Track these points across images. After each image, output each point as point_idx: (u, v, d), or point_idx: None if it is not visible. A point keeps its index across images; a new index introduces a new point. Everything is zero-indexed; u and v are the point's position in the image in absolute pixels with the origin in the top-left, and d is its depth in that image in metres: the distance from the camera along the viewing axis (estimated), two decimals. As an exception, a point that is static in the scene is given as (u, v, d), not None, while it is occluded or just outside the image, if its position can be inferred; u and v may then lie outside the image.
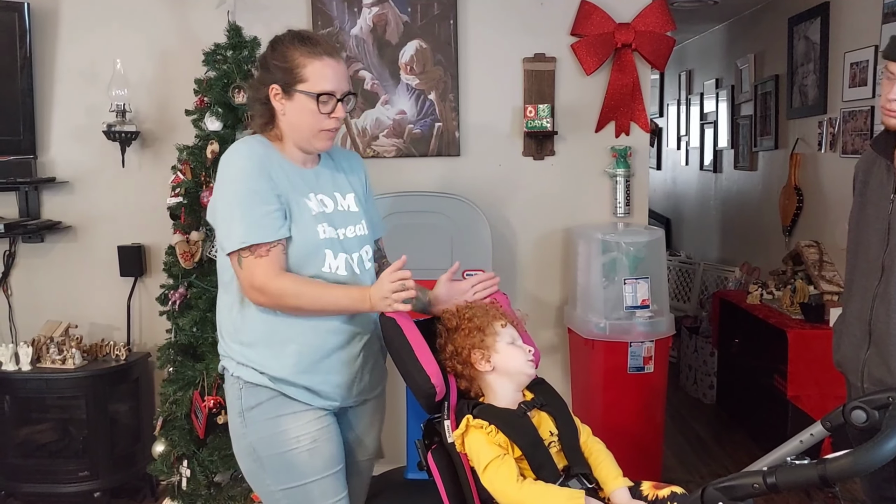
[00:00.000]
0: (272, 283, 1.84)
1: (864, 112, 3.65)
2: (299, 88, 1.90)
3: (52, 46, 3.55)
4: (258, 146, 1.94)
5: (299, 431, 1.91)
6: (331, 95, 1.90)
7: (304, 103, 1.91)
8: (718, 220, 6.04)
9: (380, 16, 3.50)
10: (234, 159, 1.91)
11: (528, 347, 1.90)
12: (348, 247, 1.98)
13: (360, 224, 2.04)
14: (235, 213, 1.85)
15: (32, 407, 3.46)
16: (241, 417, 1.94)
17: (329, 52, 1.92)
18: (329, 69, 1.91)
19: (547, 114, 3.42)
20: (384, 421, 2.20)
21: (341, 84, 1.93)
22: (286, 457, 1.90)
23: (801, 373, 3.57)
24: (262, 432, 1.92)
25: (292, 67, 1.90)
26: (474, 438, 1.77)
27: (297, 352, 1.92)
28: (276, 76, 1.92)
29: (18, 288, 3.65)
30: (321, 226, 1.92)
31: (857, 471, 1.10)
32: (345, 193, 2.04)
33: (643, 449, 3.28)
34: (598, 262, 3.31)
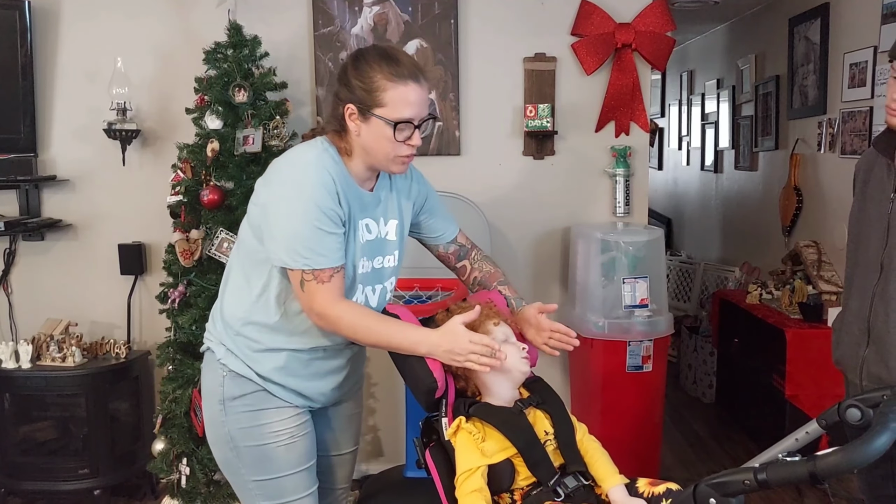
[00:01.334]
0: (331, 309, 1.80)
1: (864, 113, 3.65)
2: (377, 113, 1.80)
3: (53, 44, 3.56)
4: (331, 163, 1.83)
5: (279, 427, 1.92)
6: (409, 123, 1.81)
7: (381, 129, 1.81)
8: (719, 220, 6.04)
9: (381, 15, 3.51)
10: (310, 171, 1.80)
11: (522, 345, 1.90)
12: (376, 278, 1.95)
13: (393, 255, 1.99)
14: (303, 232, 1.77)
15: (32, 405, 3.46)
16: (221, 406, 1.93)
17: (414, 77, 1.81)
18: (412, 95, 1.80)
19: (547, 113, 3.43)
20: (363, 416, 2.25)
21: (421, 110, 1.83)
22: (264, 450, 1.91)
23: (800, 372, 3.57)
24: (242, 423, 1.92)
25: (372, 90, 1.79)
26: (462, 441, 1.79)
27: (287, 356, 1.92)
28: (354, 95, 1.82)
29: (19, 286, 3.67)
30: (362, 260, 1.89)
31: (847, 467, 1.11)
32: (388, 220, 1.97)
33: (642, 447, 3.29)
34: (597, 261, 3.31)
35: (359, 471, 3.72)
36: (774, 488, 1.17)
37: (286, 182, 1.81)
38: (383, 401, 3.71)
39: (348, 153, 1.87)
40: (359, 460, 3.70)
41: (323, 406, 2.05)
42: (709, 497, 1.14)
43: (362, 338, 1.85)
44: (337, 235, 1.80)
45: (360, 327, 1.83)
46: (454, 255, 2.20)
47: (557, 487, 1.74)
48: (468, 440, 1.78)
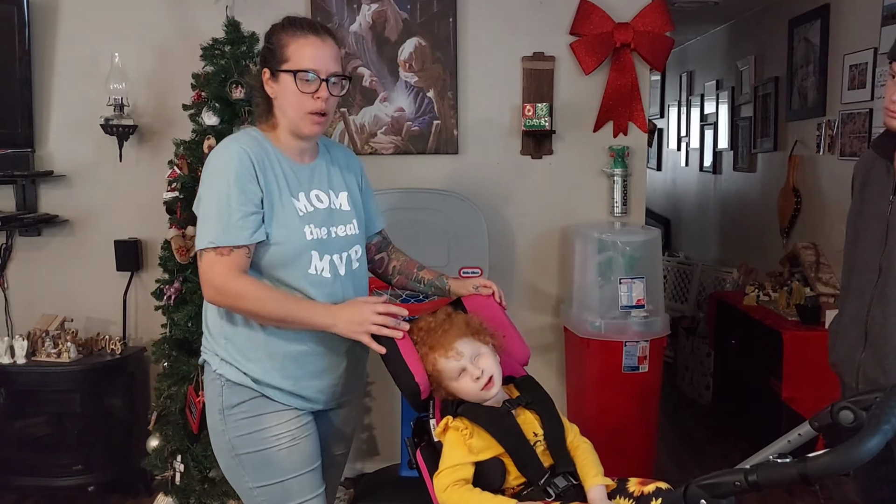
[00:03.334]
0: (231, 283, 1.81)
1: (863, 114, 3.64)
2: (282, 68, 1.87)
3: (51, 40, 3.56)
4: (250, 142, 1.90)
5: (279, 430, 1.91)
6: (313, 74, 1.85)
7: (287, 83, 1.87)
8: (717, 221, 6.04)
9: (379, 13, 3.50)
10: (220, 157, 1.87)
11: (479, 370, 1.80)
12: (338, 246, 1.96)
13: (350, 224, 2.01)
14: (211, 213, 1.83)
15: (27, 400, 3.45)
16: (220, 415, 1.93)
17: (314, 31, 1.89)
18: (310, 47, 1.86)
19: (545, 113, 3.42)
20: (362, 418, 2.22)
21: (326, 64, 1.87)
22: (265, 454, 1.90)
23: (796, 374, 3.57)
24: (241, 430, 1.91)
25: (277, 48, 1.89)
26: (449, 438, 1.78)
27: (283, 357, 1.91)
28: (265, 60, 1.92)
29: (15, 281, 3.66)
30: (308, 227, 1.90)
31: (838, 469, 1.10)
32: (338, 192, 2.02)
33: (636, 448, 3.28)
34: (594, 261, 3.31)
35: (354, 469, 3.71)
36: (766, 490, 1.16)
37: (205, 171, 1.90)
38: (379, 400, 3.70)
39: (276, 127, 1.94)
40: (354, 459, 3.71)
41: (326, 407, 2.03)
42: (699, 498, 1.14)
43: (263, 311, 1.84)
44: (246, 213, 1.81)
45: (261, 301, 1.83)
46: (375, 246, 2.22)
47: (547, 487, 1.73)
48: (456, 437, 1.77)
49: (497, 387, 1.82)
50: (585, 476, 1.77)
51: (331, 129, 3.54)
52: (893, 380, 1.92)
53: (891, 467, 2.06)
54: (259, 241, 1.84)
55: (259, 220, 1.84)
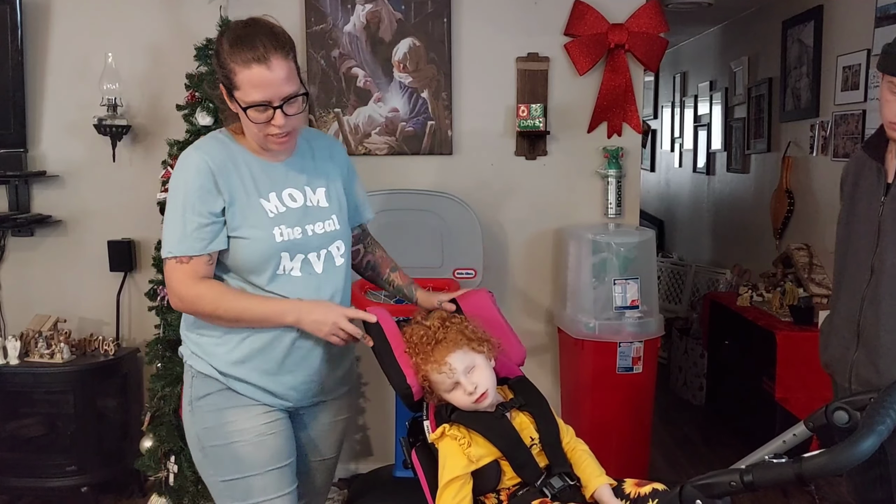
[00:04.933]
0: (189, 289, 1.82)
1: (856, 116, 3.66)
2: (235, 96, 1.81)
3: (44, 40, 3.54)
4: (214, 148, 1.87)
5: (245, 424, 1.88)
6: (264, 105, 1.78)
7: (241, 111, 1.82)
8: (711, 222, 6.05)
9: (373, 13, 3.50)
10: (181, 167, 1.86)
11: (473, 385, 1.79)
12: (315, 244, 1.92)
13: (329, 220, 1.96)
14: (169, 223, 1.83)
15: (20, 401, 3.44)
16: (189, 406, 1.93)
17: (258, 59, 1.76)
18: (258, 78, 1.76)
19: (539, 113, 3.42)
20: (351, 422, 2.16)
21: (277, 91, 1.78)
22: (229, 448, 1.88)
23: (790, 375, 3.57)
24: (207, 422, 1.89)
25: (228, 73, 1.80)
26: (446, 446, 1.77)
27: (249, 347, 1.88)
28: (221, 76, 1.84)
29: (7, 282, 3.64)
30: (278, 228, 1.86)
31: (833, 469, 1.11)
32: (316, 187, 1.97)
33: (631, 449, 3.29)
34: (588, 262, 3.31)
35: (348, 470, 3.71)
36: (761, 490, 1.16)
37: (171, 178, 1.88)
38: (373, 400, 3.70)
39: (244, 131, 1.90)
40: (348, 459, 3.70)
41: (298, 405, 1.97)
42: (695, 498, 1.14)
43: (225, 313, 1.83)
44: (203, 223, 1.81)
45: (222, 302, 1.83)
46: (355, 237, 2.17)
47: (544, 488, 1.74)
48: (453, 446, 1.76)
49: (491, 398, 1.81)
50: (589, 477, 1.78)
51: (324, 129, 3.54)
52: (887, 380, 1.93)
53: (884, 468, 2.07)
54: (218, 249, 1.84)
55: (217, 229, 1.83)
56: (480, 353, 1.83)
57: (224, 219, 1.83)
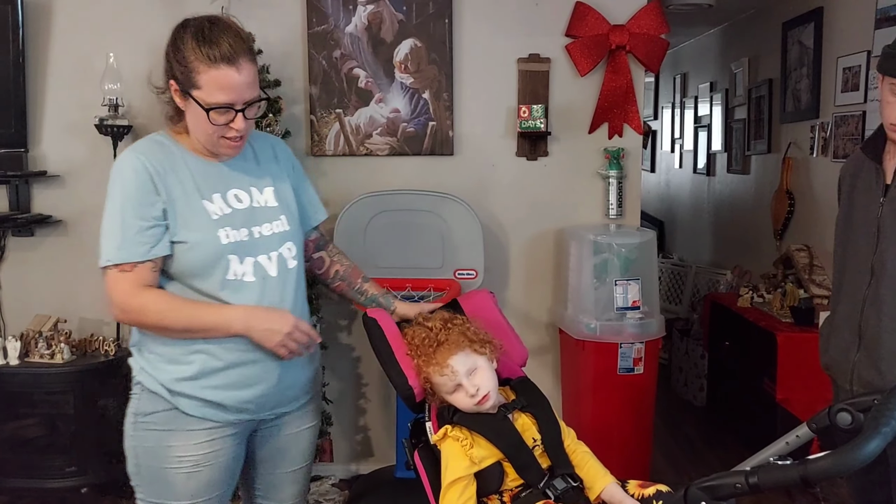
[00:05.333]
0: (132, 300, 1.72)
1: (856, 117, 3.66)
2: (194, 94, 1.72)
3: (45, 40, 3.54)
4: (150, 149, 1.80)
5: (185, 452, 1.79)
6: (227, 108, 1.73)
7: (198, 111, 1.73)
8: (711, 223, 6.05)
9: (375, 14, 3.50)
10: (116, 170, 1.78)
11: (475, 388, 1.79)
12: (264, 247, 1.84)
13: (278, 220, 1.88)
14: (106, 230, 1.76)
15: (20, 401, 3.42)
16: (133, 419, 1.84)
17: (228, 59, 1.70)
18: (226, 79, 1.70)
19: (541, 114, 3.42)
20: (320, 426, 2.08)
21: (242, 94, 1.73)
22: (163, 473, 1.80)
23: (791, 376, 3.58)
24: (147, 441, 1.81)
25: (187, 69, 1.72)
26: (449, 447, 1.77)
27: (202, 364, 1.78)
28: (174, 72, 1.75)
29: (7, 282, 3.64)
30: (223, 230, 1.78)
31: (838, 471, 1.11)
32: (262, 187, 1.89)
33: (632, 450, 3.29)
34: (589, 263, 3.31)
35: (349, 471, 3.71)
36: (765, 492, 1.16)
37: (109, 184, 1.79)
38: (374, 401, 3.70)
39: (186, 131, 1.82)
40: (349, 460, 3.71)
41: (257, 418, 1.88)
42: (699, 500, 1.14)
43: (171, 323, 1.74)
44: (144, 227, 1.72)
45: (168, 313, 1.73)
46: (313, 243, 2.09)
47: (547, 490, 1.74)
48: (456, 447, 1.76)
49: (492, 399, 1.81)
50: (594, 477, 1.78)
51: (326, 129, 3.54)
52: (889, 382, 1.93)
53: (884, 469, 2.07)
54: (162, 255, 1.75)
55: (159, 233, 1.74)
56: (482, 354, 1.83)
57: (166, 222, 1.75)
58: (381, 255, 3.35)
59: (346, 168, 3.58)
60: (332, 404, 3.48)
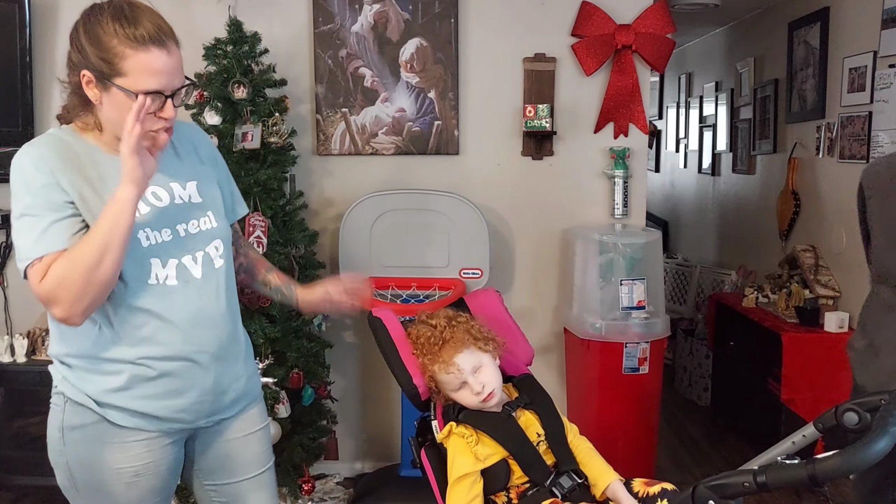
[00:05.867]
0: (48, 280, 1.54)
1: (862, 117, 3.65)
2: (117, 83, 1.55)
3: (52, 38, 3.55)
4: (53, 146, 1.62)
5: (121, 464, 1.68)
6: (156, 94, 1.56)
7: (123, 101, 1.55)
8: (716, 223, 6.05)
9: (381, 13, 3.50)
10: (18, 167, 1.59)
11: (480, 385, 1.80)
12: (191, 245, 1.70)
13: (205, 216, 1.74)
14: (18, 230, 1.58)
15: (26, 399, 3.45)
16: (60, 433, 1.70)
17: (156, 41, 1.55)
18: (156, 62, 1.55)
19: (546, 114, 3.43)
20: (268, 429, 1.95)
21: (172, 79, 1.58)
22: (101, 486, 1.69)
23: (795, 376, 3.58)
24: (81, 456, 1.68)
25: (109, 56, 1.55)
26: (454, 444, 1.78)
27: (130, 373, 1.65)
28: (89, 62, 1.57)
29: (14, 280, 3.65)
30: (143, 231, 1.64)
31: (847, 470, 1.11)
32: (185, 182, 1.73)
33: (637, 449, 3.29)
34: (595, 262, 3.31)
35: (353, 469, 3.72)
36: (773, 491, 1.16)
37: (10, 184, 1.60)
38: (378, 400, 3.71)
39: (97, 127, 1.64)
40: (353, 459, 3.71)
41: (194, 426, 1.76)
42: (707, 499, 1.14)
43: (82, 269, 1.52)
44: (56, 218, 1.55)
45: (72, 265, 1.52)
46: None
47: (553, 488, 1.74)
48: (461, 444, 1.77)
49: (497, 397, 1.82)
50: (598, 474, 1.79)
51: (331, 129, 3.55)
52: None
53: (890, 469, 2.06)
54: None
55: (75, 222, 1.58)
56: (487, 352, 1.84)
57: (75, 211, 1.58)
58: (387, 255, 3.36)
59: (351, 167, 3.59)
60: (337, 402, 3.48)
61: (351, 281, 1.92)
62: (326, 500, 3.44)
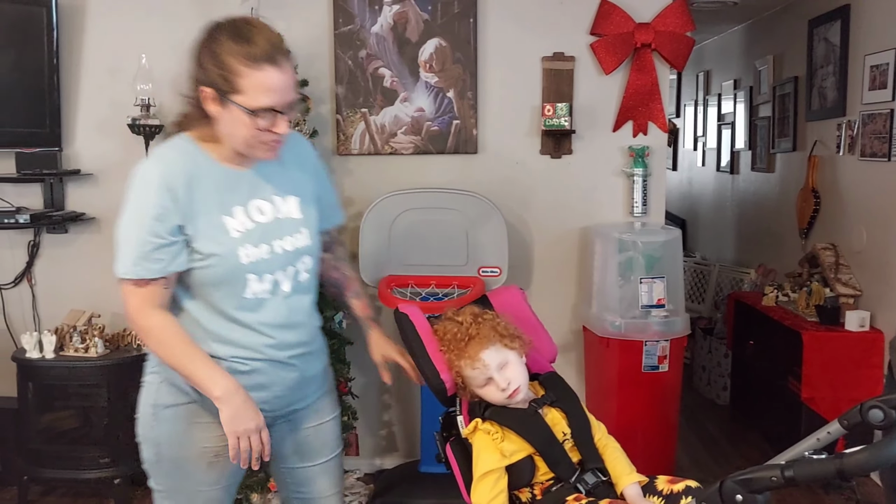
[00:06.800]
0: (141, 318, 1.71)
1: (884, 115, 3.64)
2: (233, 99, 1.65)
3: (79, 41, 3.61)
4: (179, 161, 1.73)
5: (206, 444, 1.81)
6: (270, 110, 1.67)
7: (239, 116, 1.66)
8: (734, 221, 6.03)
9: (400, 14, 3.53)
10: (142, 180, 1.70)
11: (506, 381, 1.81)
12: (284, 262, 1.81)
13: (299, 233, 1.84)
14: (123, 241, 1.70)
15: (55, 394, 3.51)
16: (152, 410, 1.84)
17: (271, 59, 1.65)
18: (270, 80, 1.65)
19: (565, 112, 3.44)
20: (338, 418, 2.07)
21: (284, 95, 1.68)
22: (184, 463, 1.83)
23: (816, 375, 3.58)
24: (170, 433, 1.82)
25: (227, 73, 1.65)
26: (480, 440, 1.80)
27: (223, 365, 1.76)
28: (208, 78, 1.68)
29: (42, 277, 3.72)
30: (244, 248, 1.74)
31: (875, 465, 1.12)
32: (286, 195, 1.83)
33: (657, 447, 3.30)
34: (614, 261, 3.33)
35: (373, 465, 3.75)
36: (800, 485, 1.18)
37: (129, 188, 1.72)
38: (398, 396, 3.74)
39: (215, 139, 1.74)
40: (373, 455, 3.74)
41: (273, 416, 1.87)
42: (735, 493, 1.16)
43: (164, 357, 1.74)
44: (159, 244, 1.68)
45: (164, 347, 1.73)
46: (323, 244, 2.01)
47: (577, 484, 1.76)
48: (487, 440, 1.79)
49: (523, 394, 1.84)
50: (619, 474, 1.80)
51: (351, 129, 3.58)
52: None
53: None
54: (176, 271, 1.72)
55: (176, 250, 1.70)
56: (513, 349, 1.86)
57: (184, 238, 1.71)
58: (406, 253, 3.39)
59: (371, 167, 3.62)
60: (358, 399, 3.52)
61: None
62: (347, 495, 3.47)
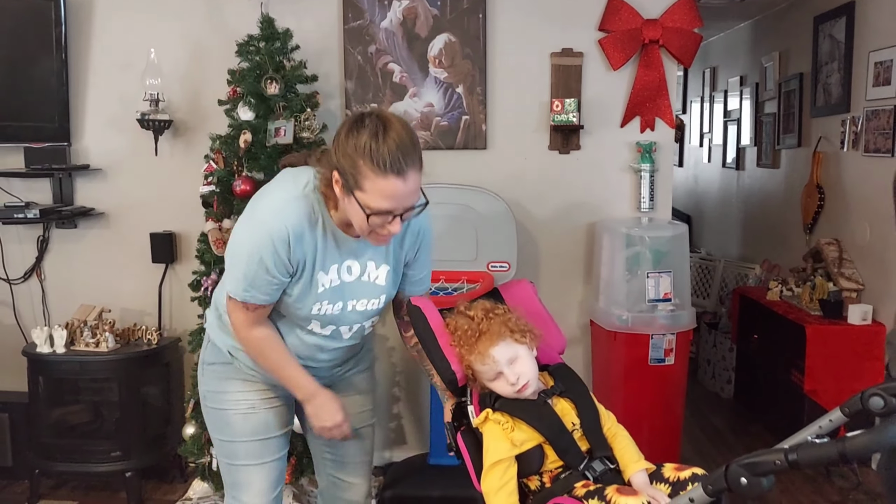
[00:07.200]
0: (244, 331, 1.93)
1: (888, 111, 3.66)
2: (356, 195, 1.73)
3: (87, 35, 3.64)
4: (302, 218, 1.82)
5: (240, 396, 2.04)
6: (386, 213, 1.74)
7: (357, 210, 1.74)
8: (740, 217, 6.05)
9: (410, 9, 3.55)
10: (266, 216, 1.82)
11: (516, 376, 1.84)
12: (353, 318, 1.99)
13: (377, 298, 1.99)
14: (241, 267, 1.83)
15: (66, 388, 3.54)
16: (202, 367, 2.12)
17: (398, 170, 1.69)
18: (391, 189, 1.70)
19: (573, 108, 3.46)
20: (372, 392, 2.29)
21: (403, 202, 1.74)
22: (223, 414, 2.06)
23: (819, 368, 3.61)
24: (210, 386, 2.09)
25: (355, 171, 1.71)
26: (490, 430, 1.83)
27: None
28: (340, 165, 1.74)
29: (51, 272, 3.75)
30: (319, 303, 1.91)
31: (876, 448, 1.15)
32: (380, 263, 1.95)
33: (663, 439, 3.33)
34: (621, 255, 3.35)
35: (382, 458, 3.78)
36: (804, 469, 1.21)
37: (255, 212, 1.86)
38: (407, 389, 3.77)
39: (335, 206, 1.84)
40: (382, 447, 3.77)
41: None
42: (740, 476, 1.19)
43: (261, 364, 1.99)
44: (271, 281, 1.83)
45: (261, 357, 1.97)
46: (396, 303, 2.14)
47: (586, 472, 1.79)
48: (497, 430, 1.82)
49: (532, 387, 1.86)
50: (627, 462, 1.83)
51: (361, 124, 3.60)
52: None
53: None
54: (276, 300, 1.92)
55: (284, 284, 1.87)
56: (523, 344, 1.88)
57: (290, 278, 1.87)
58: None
59: (380, 162, 3.64)
60: (367, 393, 3.54)
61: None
62: (356, 487, 3.50)
